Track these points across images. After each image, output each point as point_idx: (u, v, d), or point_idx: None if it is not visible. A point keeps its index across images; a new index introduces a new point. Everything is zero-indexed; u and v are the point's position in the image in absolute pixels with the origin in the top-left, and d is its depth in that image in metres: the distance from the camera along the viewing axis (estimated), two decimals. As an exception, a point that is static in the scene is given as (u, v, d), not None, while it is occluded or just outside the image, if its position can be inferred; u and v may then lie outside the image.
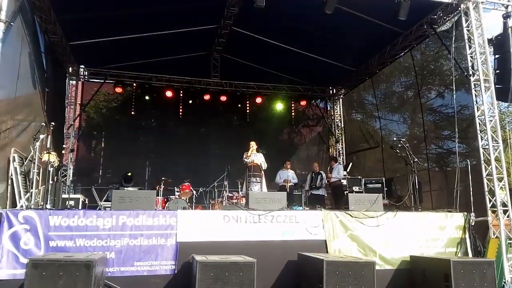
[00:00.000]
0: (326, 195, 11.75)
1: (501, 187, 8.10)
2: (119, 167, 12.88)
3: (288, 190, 10.37)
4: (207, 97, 13.93)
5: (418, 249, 7.49)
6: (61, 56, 11.55)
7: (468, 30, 8.87)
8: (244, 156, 9.96)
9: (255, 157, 9.94)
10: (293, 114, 15.47)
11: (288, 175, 11.30)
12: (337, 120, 15.51)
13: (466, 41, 8.85)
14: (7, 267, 5.85)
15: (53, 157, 7.80)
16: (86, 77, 13.57)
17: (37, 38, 9.20)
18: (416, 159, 9.05)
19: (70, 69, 12.89)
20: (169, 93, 13.67)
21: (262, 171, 9.95)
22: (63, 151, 11.59)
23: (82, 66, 13.28)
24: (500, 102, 9.71)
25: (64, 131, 12.56)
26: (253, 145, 10.08)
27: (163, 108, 14.02)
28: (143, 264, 6.40)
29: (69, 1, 9.32)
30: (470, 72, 8.73)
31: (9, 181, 7.30)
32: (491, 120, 8.45)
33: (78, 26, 10.39)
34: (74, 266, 5.11)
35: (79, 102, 13.44)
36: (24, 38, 8.19)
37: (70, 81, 13.18)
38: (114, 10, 9.81)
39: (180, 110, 14.09)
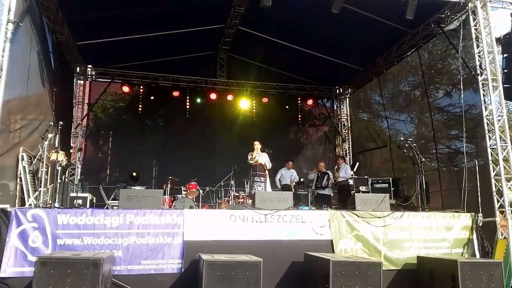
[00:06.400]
0: (332, 195, 11.72)
1: (509, 188, 8.03)
2: (126, 166, 12.97)
3: (293, 189, 10.36)
4: (213, 96, 13.97)
5: (424, 250, 7.47)
6: (69, 56, 11.63)
7: (475, 29, 8.79)
8: (249, 157, 10.00)
9: (260, 157, 10.00)
10: (299, 113, 15.44)
11: (292, 175, 11.33)
12: (344, 120, 15.48)
13: (474, 40, 8.77)
14: (15, 265, 5.92)
15: (61, 156, 7.87)
16: (93, 76, 13.63)
17: (45, 38, 9.28)
18: (423, 159, 8.99)
19: (78, 68, 12.97)
20: (176, 93, 13.73)
21: (267, 170, 10.02)
22: (71, 150, 11.67)
23: (90, 66, 13.34)
24: (508, 101, 9.63)
25: (72, 130, 12.66)
26: (257, 144, 10.14)
27: (170, 108, 14.06)
28: (150, 263, 6.44)
29: (76, 1, 9.40)
30: (478, 72, 8.66)
31: (18, 179, 7.38)
32: (499, 120, 8.37)
33: (86, 26, 10.46)
34: (82, 265, 5.15)
35: (87, 102, 13.55)
36: (33, 38, 8.26)
37: (78, 81, 13.28)
38: (121, 10, 9.87)
39: (187, 110, 14.11)
